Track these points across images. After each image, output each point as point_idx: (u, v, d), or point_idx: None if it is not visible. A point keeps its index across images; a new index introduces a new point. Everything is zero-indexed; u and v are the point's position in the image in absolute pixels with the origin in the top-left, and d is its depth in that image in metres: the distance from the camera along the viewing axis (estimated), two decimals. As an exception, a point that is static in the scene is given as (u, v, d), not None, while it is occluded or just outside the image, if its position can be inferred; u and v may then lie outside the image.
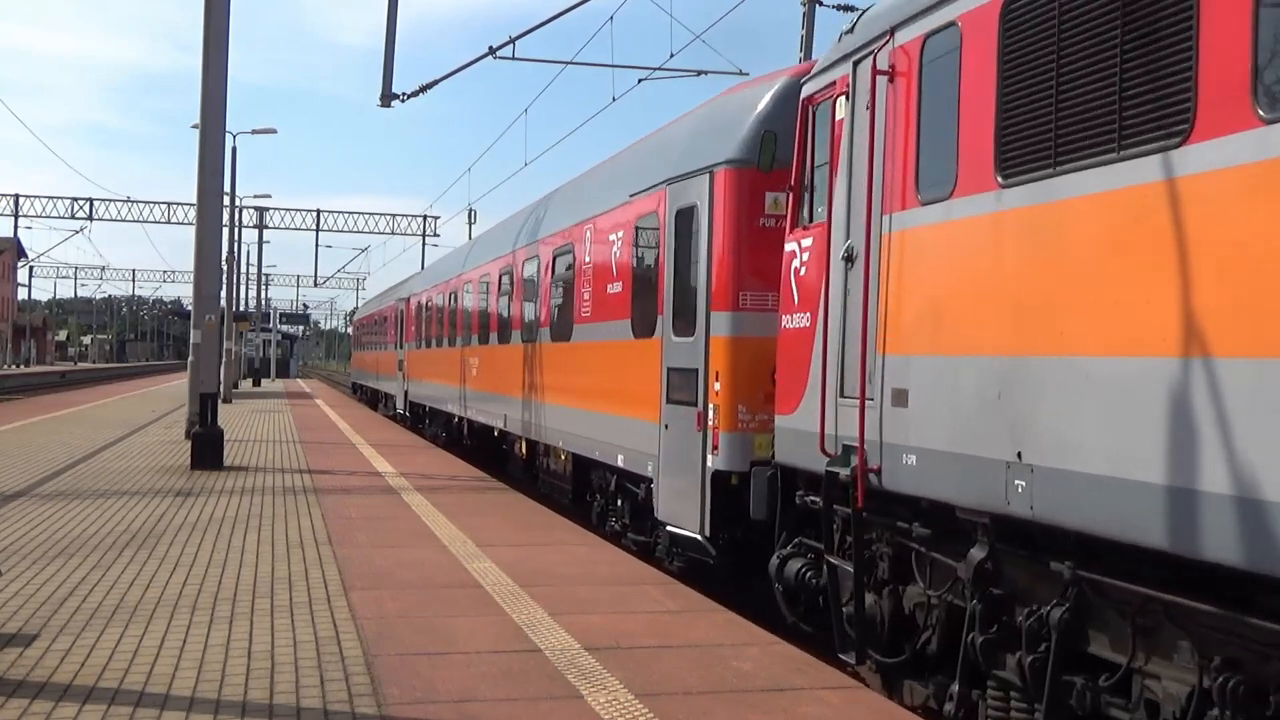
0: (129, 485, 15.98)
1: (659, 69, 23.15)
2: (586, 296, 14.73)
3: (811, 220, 8.93)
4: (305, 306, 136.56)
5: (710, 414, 10.60)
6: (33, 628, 7.87)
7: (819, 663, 7.54)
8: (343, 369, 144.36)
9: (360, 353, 58.40)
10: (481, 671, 7.02)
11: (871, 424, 7.52)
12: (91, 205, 71.12)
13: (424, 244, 74.01)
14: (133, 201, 71.64)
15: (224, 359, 35.89)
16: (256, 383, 66.32)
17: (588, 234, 14.86)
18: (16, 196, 70.50)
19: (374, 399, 48.11)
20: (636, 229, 12.84)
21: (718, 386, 10.51)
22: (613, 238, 13.77)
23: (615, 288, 13.56)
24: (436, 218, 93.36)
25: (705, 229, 10.92)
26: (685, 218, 11.37)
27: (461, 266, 26.10)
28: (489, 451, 22.76)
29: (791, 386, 8.98)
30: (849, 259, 8.06)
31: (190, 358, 21.06)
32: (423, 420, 32.64)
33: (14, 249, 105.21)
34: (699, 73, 24.78)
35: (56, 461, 18.87)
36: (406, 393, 35.35)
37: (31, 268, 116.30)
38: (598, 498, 14.90)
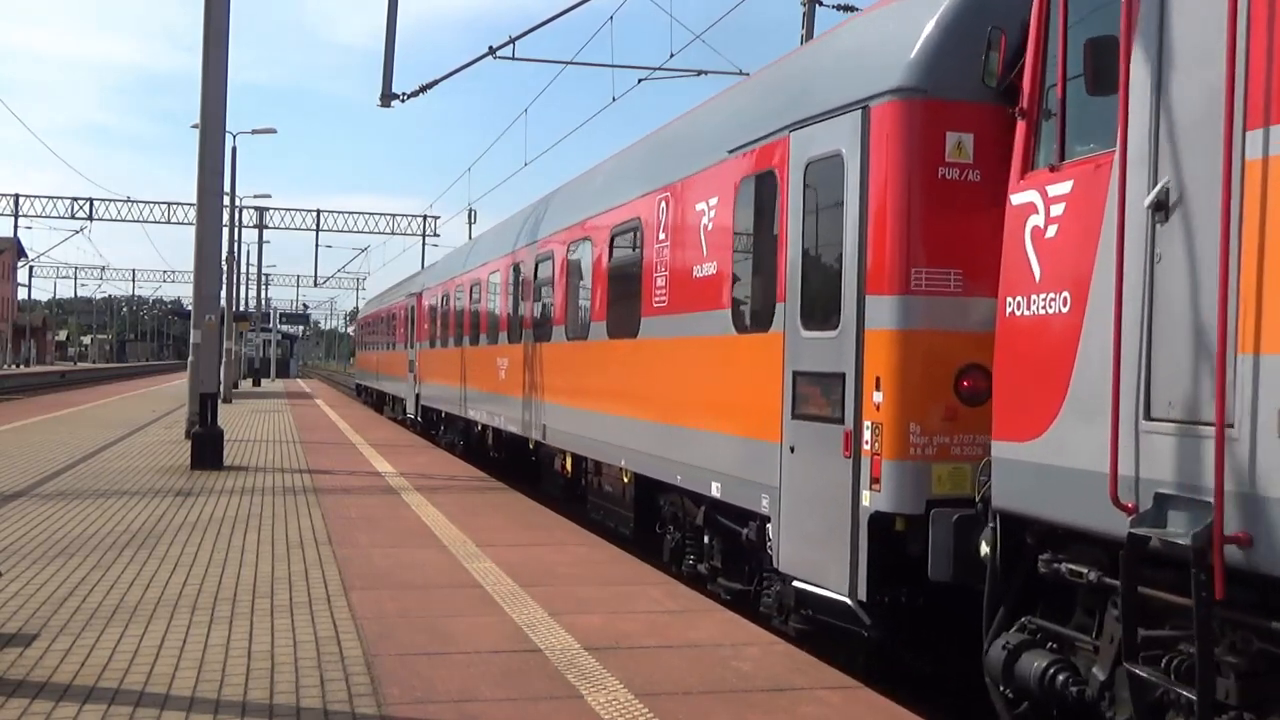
0: (129, 485, 15.98)
1: (659, 69, 23.19)
2: (661, 283, 11.89)
3: (1065, 157, 6.41)
4: (305, 306, 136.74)
5: (866, 435, 7.89)
6: (33, 628, 7.87)
7: (819, 663, 7.54)
8: (343, 369, 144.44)
9: (365, 353, 54.36)
10: (481, 671, 7.02)
11: (1235, 466, 5.04)
12: (91, 205, 71.16)
13: (424, 244, 74.12)
14: (133, 201, 71.72)
15: (224, 359, 35.91)
16: (256, 383, 66.33)
17: (662, 206, 12.01)
18: (16, 196, 70.56)
19: (380, 401, 45.36)
20: (739, 193, 10.08)
21: (879, 398, 7.81)
22: (701, 207, 10.94)
23: (706, 270, 10.77)
24: (436, 218, 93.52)
25: (856, 185, 8.16)
26: (823, 173, 8.68)
27: (487, 255, 22.66)
28: (522, 466, 19.86)
29: (1031, 400, 6.48)
30: (1162, 207, 5.65)
31: (190, 358, 21.07)
32: (436, 426, 29.52)
33: (14, 249, 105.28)
34: (699, 73, 24.82)
35: (56, 461, 18.88)
36: (418, 396, 31.93)
37: (31, 268, 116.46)
38: (671, 530, 12.13)
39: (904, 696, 7.43)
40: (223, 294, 38.86)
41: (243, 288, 68.46)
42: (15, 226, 74.44)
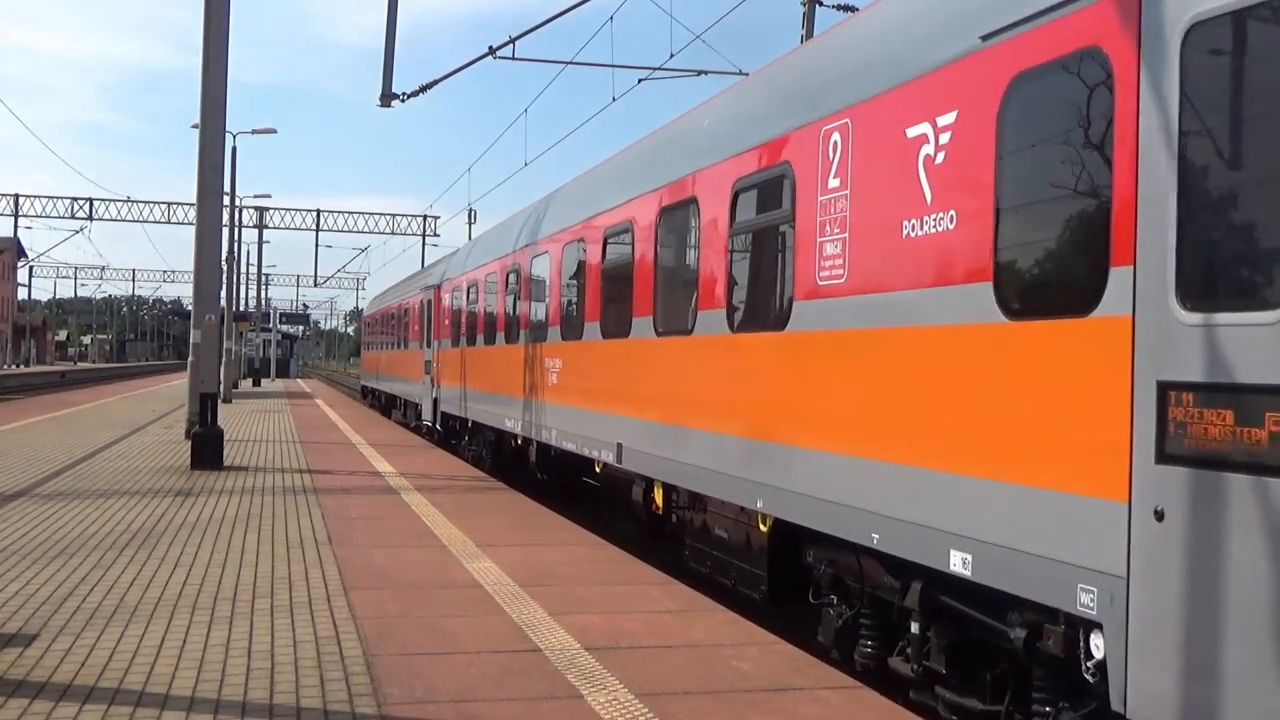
0: (129, 485, 15.99)
1: (659, 69, 23.19)
2: (832, 250, 8.28)
3: None
4: (305, 306, 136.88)
5: None
6: (33, 628, 7.87)
7: (819, 663, 7.54)
8: (343, 369, 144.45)
9: (373, 352, 49.68)
10: (481, 671, 7.02)
11: None
12: (91, 205, 71.34)
13: (424, 244, 74.27)
14: (133, 201, 71.93)
15: (224, 359, 35.91)
16: (256, 383, 66.40)
17: (833, 142, 8.39)
18: (16, 196, 70.75)
19: (389, 405, 42.13)
20: (1010, 99, 6.56)
21: None
22: (917, 132, 7.35)
23: (932, 225, 7.15)
24: (436, 218, 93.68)
25: None
26: (1234, 35, 5.26)
27: (530, 236, 18.53)
28: (575, 488, 16.99)
29: None
30: None
31: (190, 358, 21.08)
32: (458, 435, 25.95)
33: (14, 249, 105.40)
34: (699, 73, 24.82)
35: (56, 461, 18.88)
36: (436, 401, 28.13)
37: (31, 268, 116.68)
38: (834, 601, 8.68)
39: (904, 696, 7.43)
40: (223, 294, 38.88)
41: (243, 288, 68.60)
42: (15, 226, 74.66)
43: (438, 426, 28.02)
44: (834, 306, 8.31)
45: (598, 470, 14.59)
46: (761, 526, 9.66)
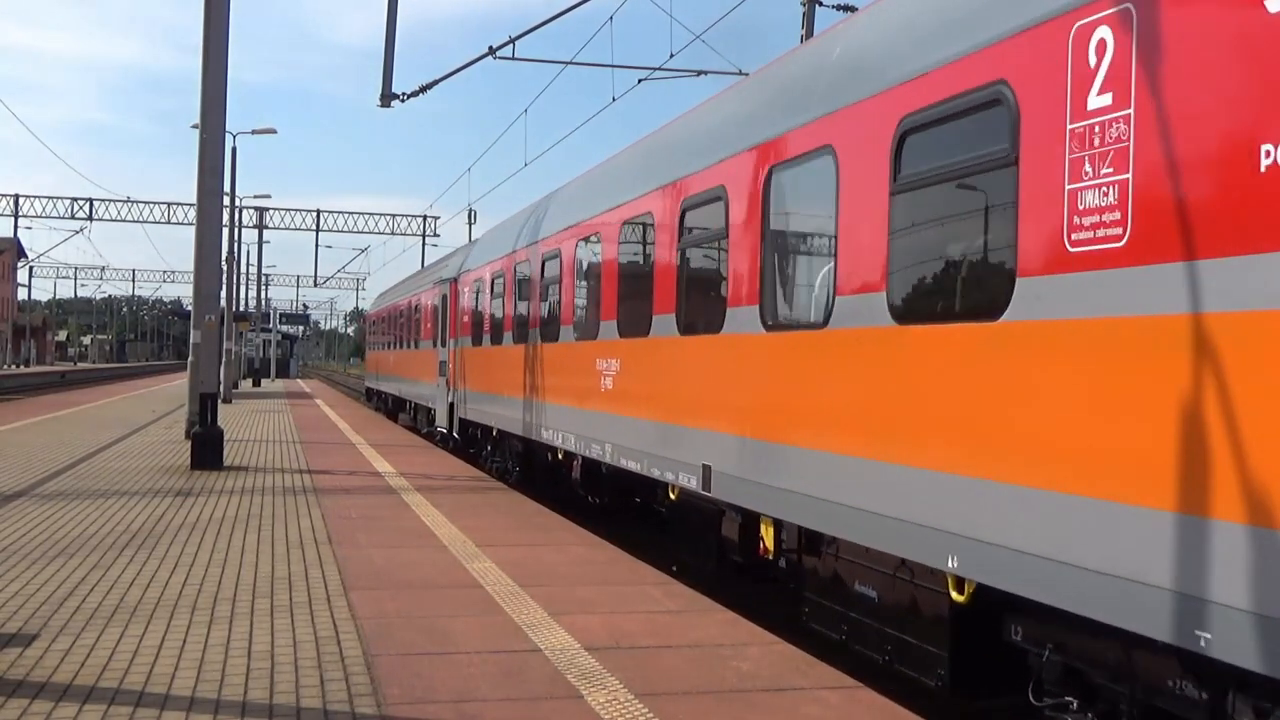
0: (129, 485, 15.99)
1: (659, 69, 23.20)
2: (1098, 200, 5.75)
3: None
4: (305, 306, 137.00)
5: None
6: (33, 628, 7.87)
7: (819, 663, 7.54)
8: (343, 369, 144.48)
9: (379, 352, 45.95)
10: (481, 671, 7.02)
11: None
12: (91, 205, 71.39)
13: (424, 244, 74.29)
14: (133, 201, 71.98)
15: (224, 359, 35.91)
16: (256, 383, 66.42)
17: (1101, 40, 5.78)
18: (16, 196, 70.81)
19: (396, 407, 39.93)
20: None
21: None
22: None
23: None
24: (436, 218, 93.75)
25: None
26: None
27: (577, 215, 15.50)
28: (627, 511, 14.80)
29: None
30: None
31: (190, 358, 21.08)
32: (479, 444, 23.32)
33: (14, 249, 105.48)
34: (699, 73, 24.84)
35: (56, 461, 18.88)
36: (453, 406, 25.31)
37: (31, 268, 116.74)
38: (1075, 708, 6.27)
39: (904, 696, 7.43)
40: (223, 294, 38.87)
41: (243, 288, 68.62)
42: (15, 226, 74.68)
43: (454, 434, 25.27)
44: (1105, 282, 5.66)
45: (672, 496, 11.97)
46: (955, 595, 6.98)
